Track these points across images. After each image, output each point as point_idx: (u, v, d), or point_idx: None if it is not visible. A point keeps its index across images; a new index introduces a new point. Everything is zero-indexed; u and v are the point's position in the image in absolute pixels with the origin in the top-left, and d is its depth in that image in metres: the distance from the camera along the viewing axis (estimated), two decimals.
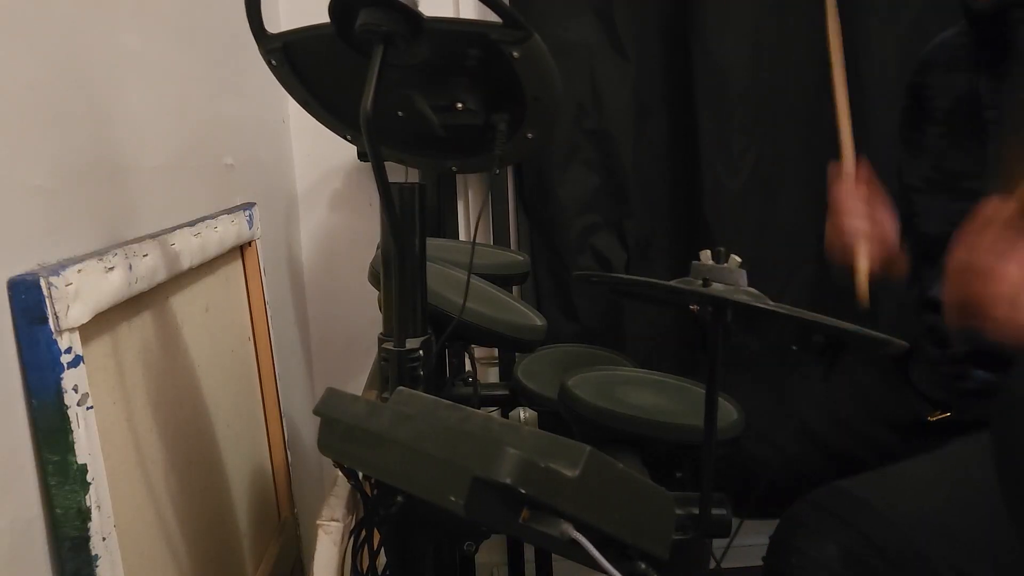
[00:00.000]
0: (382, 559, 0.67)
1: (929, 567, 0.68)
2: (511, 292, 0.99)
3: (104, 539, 0.57)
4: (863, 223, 0.93)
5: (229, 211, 0.94)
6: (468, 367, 0.99)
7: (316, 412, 0.56)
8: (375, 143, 0.54)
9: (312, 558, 0.63)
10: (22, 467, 0.54)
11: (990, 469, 0.61)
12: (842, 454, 0.97)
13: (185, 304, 0.81)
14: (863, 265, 0.91)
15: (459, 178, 1.41)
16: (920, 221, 0.98)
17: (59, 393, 0.54)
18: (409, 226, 0.67)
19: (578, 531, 0.46)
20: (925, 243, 0.98)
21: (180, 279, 0.78)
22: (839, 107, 0.96)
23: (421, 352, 0.68)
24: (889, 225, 0.94)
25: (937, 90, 0.97)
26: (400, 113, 0.63)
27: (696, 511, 0.66)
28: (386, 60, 0.54)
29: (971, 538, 0.70)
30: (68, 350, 0.54)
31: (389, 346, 0.67)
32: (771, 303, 0.60)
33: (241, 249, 1.00)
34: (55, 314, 0.53)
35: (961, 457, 0.79)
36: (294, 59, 0.64)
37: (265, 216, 1.09)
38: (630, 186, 1.36)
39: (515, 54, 0.56)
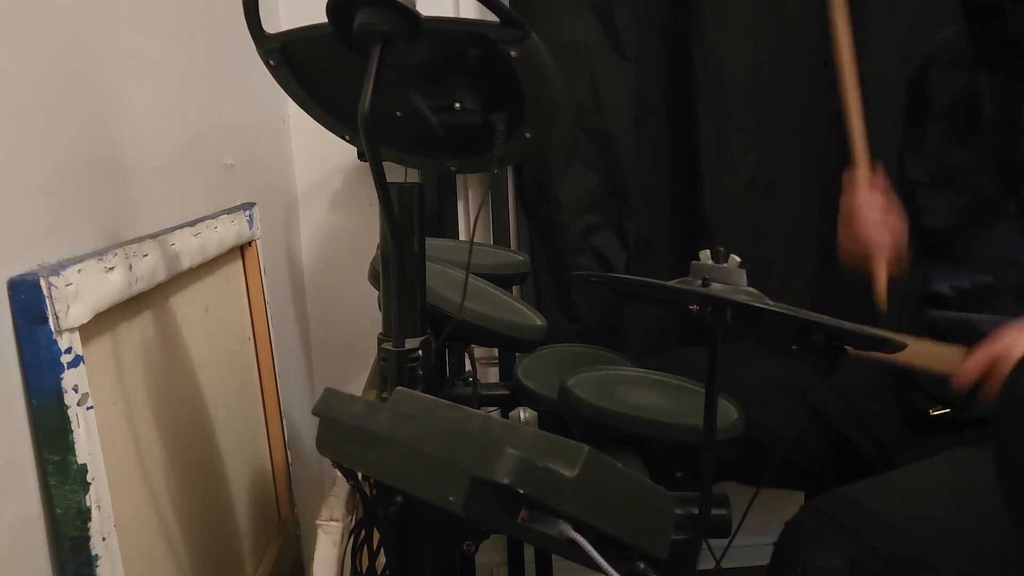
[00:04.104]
0: (381, 559, 0.67)
1: (934, 573, 0.68)
2: (511, 292, 0.99)
3: (104, 539, 0.57)
4: (882, 234, 0.94)
5: (229, 211, 0.94)
6: (468, 367, 0.99)
7: (315, 412, 0.56)
8: (373, 143, 0.54)
9: (312, 558, 0.64)
10: (22, 467, 0.54)
11: (992, 473, 0.61)
12: (847, 436, 0.97)
13: (185, 304, 0.81)
14: (883, 276, 0.93)
15: (459, 178, 1.41)
16: (924, 215, 0.98)
17: (59, 393, 0.54)
18: (408, 226, 0.67)
19: (577, 531, 0.46)
20: (929, 237, 0.98)
21: (180, 279, 0.78)
22: (852, 113, 0.97)
23: (420, 352, 0.68)
24: (902, 232, 0.96)
25: (938, 87, 0.97)
26: (399, 113, 0.63)
27: (696, 511, 0.66)
28: (384, 60, 0.54)
29: (975, 542, 0.70)
30: (68, 350, 0.54)
31: (388, 346, 0.67)
32: (771, 303, 0.60)
33: (241, 249, 1.00)
34: (55, 314, 0.53)
35: (963, 462, 0.79)
36: (293, 59, 0.64)
37: (265, 216, 1.09)
38: (630, 186, 1.36)
39: (513, 53, 0.56)
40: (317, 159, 1.42)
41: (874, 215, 0.96)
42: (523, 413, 0.91)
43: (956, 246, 0.93)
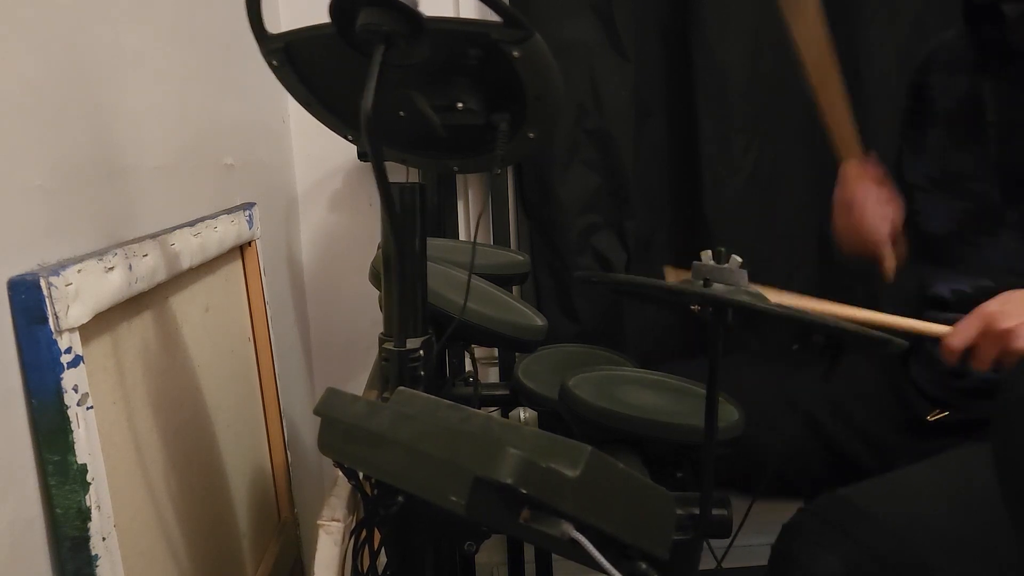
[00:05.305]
0: (382, 559, 0.67)
1: None
2: (511, 292, 0.99)
3: (104, 539, 0.57)
4: (884, 225, 0.95)
5: (229, 211, 0.94)
6: (468, 367, 0.99)
7: (316, 412, 0.56)
8: (375, 143, 0.54)
9: (312, 558, 0.63)
10: (22, 467, 0.54)
11: (991, 477, 0.61)
12: (844, 447, 0.97)
13: (185, 304, 0.81)
14: (891, 260, 0.94)
15: (459, 178, 1.41)
16: (922, 220, 0.98)
17: (59, 393, 0.54)
18: (410, 226, 0.67)
19: (578, 531, 0.46)
20: (927, 241, 0.98)
21: (180, 279, 0.78)
22: (835, 104, 0.97)
23: (421, 352, 0.68)
24: (900, 220, 0.97)
25: (939, 90, 0.97)
26: (401, 113, 0.63)
27: (696, 511, 0.66)
28: (386, 60, 0.54)
29: (973, 546, 0.70)
30: (68, 350, 0.54)
31: (390, 346, 0.67)
32: (771, 303, 0.60)
33: (241, 249, 1.00)
34: (55, 314, 0.53)
35: (962, 464, 0.79)
36: (295, 59, 0.64)
37: (265, 216, 1.09)
38: (630, 186, 1.36)
39: (516, 53, 0.56)
40: (317, 159, 1.42)
41: (874, 207, 0.96)
42: (523, 413, 0.91)
43: (956, 252, 0.93)
